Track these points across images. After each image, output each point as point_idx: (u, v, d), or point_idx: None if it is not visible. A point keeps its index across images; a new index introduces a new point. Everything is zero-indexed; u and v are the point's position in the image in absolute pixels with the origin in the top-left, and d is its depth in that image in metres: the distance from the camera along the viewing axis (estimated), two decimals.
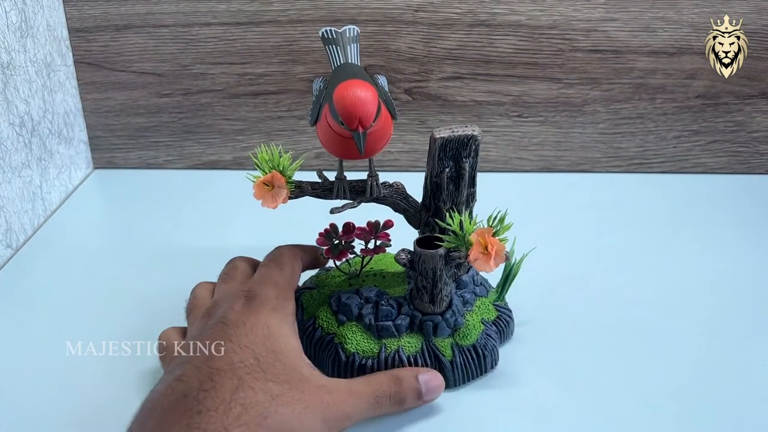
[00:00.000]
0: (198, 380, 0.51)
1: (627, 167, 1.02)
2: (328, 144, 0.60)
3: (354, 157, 0.60)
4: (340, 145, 0.59)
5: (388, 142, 0.62)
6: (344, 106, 0.56)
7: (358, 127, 0.56)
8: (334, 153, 0.61)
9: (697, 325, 0.71)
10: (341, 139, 0.58)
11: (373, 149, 0.60)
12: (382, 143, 0.60)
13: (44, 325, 0.72)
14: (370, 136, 0.58)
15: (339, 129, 0.57)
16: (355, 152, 0.58)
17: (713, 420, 0.60)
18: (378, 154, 0.64)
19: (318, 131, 0.61)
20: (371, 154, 0.61)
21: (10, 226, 0.83)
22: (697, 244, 0.85)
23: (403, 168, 1.02)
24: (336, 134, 0.58)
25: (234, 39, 0.97)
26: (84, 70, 0.99)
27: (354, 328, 0.64)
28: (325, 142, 0.61)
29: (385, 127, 0.59)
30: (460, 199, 0.64)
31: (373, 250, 0.69)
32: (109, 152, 1.03)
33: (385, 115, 0.59)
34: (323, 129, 0.60)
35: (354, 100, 0.56)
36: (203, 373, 0.52)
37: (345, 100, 0.56)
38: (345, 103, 0.56)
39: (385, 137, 0.60)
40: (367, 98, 0.56)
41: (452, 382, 0.63)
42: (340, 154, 0.61)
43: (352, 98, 0.56)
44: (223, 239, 0.87)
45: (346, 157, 0.61)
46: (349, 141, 0.58)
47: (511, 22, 0.95)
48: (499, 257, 0.58)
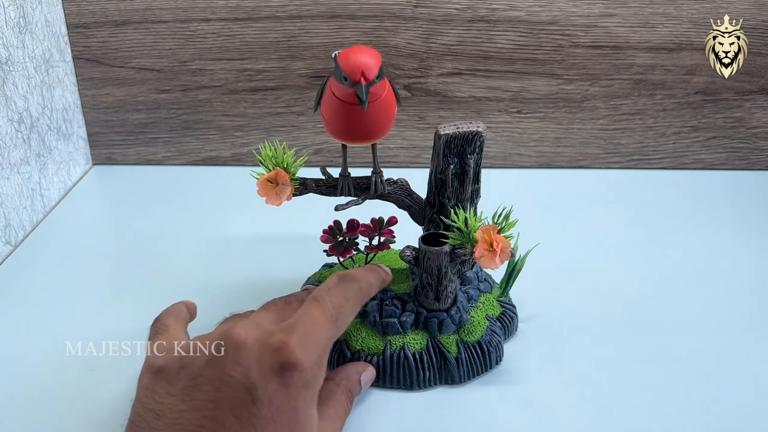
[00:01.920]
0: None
1: (626, 163, 1.02)
2: (333, 119, 0.59)
3: (358, 137, 0.59)
4: (344, 116, 0.58)
5: (392, 124, 0.61)
6: (347, 57, 0.56)
7: (361, 79, 0.56)
8: (338, 131, 0.60)
9: (698, 320, 0.72)
10: (345, 108, 0.58)
11: (377, 128, 0.59)
12: (386, 120, 0.59)
13: (43, 322, 0.72)
14: (374, 106, 0.57)
15: (343, 91, 0.57)
16: (360, 126, 0.58)
17: (715, 415, 0.60)
18: (378, 151, 0.64)
19: (322, 109, 0.60)
20: (374, 135, 0.60)
21: (8, 222, 0.83)
22: (697, 239, 0.85)
23: (402, 164, 1.02)
24: (340, 103, 0.58)
25: (233, 35, 0.96)
26: (83, 66, 0.98)
27: (359, 325, 0.64)
28: (329, 117, 0.60)
29: (390, 101, 0.59)
30: (465, 195, 0.64)
31: (378, 247, 0.69)
32: (108, 148, 1.03)
33: (389, 92, 0.59)
34: (327, 102, 0.59)
35: (357, 52, 0.56)
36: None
37: (348, 53, 0.56)
38: (348, 54, 0.56)
39: (390, 113, 0.60)
40: (369, 51, 0.57)
41: (457, 378, 0.63)
42: (344, 131, 0.60)
43: (355, 51, 0.56)
44: (222, 235, 0.87)
45: (350, 138, 0.60)
46: (353, 110, 0.57)
47: (510, 18, 0.94)
48: (504, 254, 0.58)
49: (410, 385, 0.63)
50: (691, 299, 0.75)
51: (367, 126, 0.59)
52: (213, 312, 0.73)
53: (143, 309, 0.73)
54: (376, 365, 0.62)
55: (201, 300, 0.75)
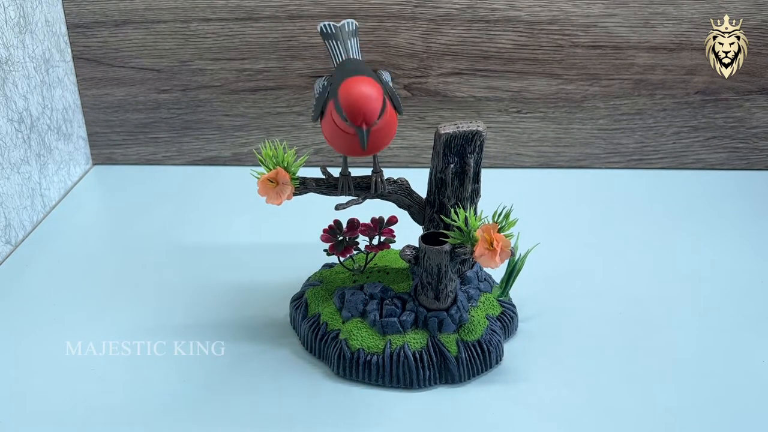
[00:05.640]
0: None
1: (626, 163, 1.02)
2: (333, 140, 0.60)
3: (358, 154, 0.60)
4: (344, 141, 0.59)
5: (394, 137, 0.61)
6: (349, 103, 0.56)
7: (362, 124, 0.56)
8: (339, 149, 0.61)
9: (698, 320, 0.72)
10: (346, 135, 0.58)
11: (378, 146, 0.60)
12: (387, 140, 0.60)
13: (43, 323, 0.72)
14: (374, 133, 0.57)
15: (343, 125, 0.57)
16: (360, 149, 0.58)
17: (714, 414, 0.60)
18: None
19: (323, 127, 0.61)
20: (376, 150, 0.61)
21: (9, 222, 0.83)
22: (697, 239, 0.85)
23: (402, 164, 1.02)
24: (340, 130, 0.58)
25: (233, 35, 0.96)
26: (83, 65, 0.98)
27: (359, 324, 0.64)
28: (329, 137, 0.61)
29: (390, 123, 0.59)
30: (465, 194, 0.64)
31: (378, 247, 0.68)
32: (108, 148, 1.03)
33: (389, 112, 0.59)
34: (328, 125, 0.60)
35: (358, 97, 0.56)
36: None
37: (350, 97, 0.56)
38: (350, 100, 0.56)
39: (390, 134, 0.60)
40: (371, 95, 0.56)
41: (457, 377, 0.63)
42: (345, 151, 0.61)
43: (356, 95, 0.56)
44: (222, 235, 0.87)
45: (351, 154, 0.61)
46: (353, 137, 0.58)
47: (510, 18, 0.94)
48: (504, 253, 0.58)
49: (410, 384, 0.62)
50: (691, 299, 0.75)
51: (368, 146, 0.59)
52: (213, 312, 0.73)
53: (143, 309, 0.74)
54: (376, 365, 0.62)
55: (201, 300, 0.75)
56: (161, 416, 0.60)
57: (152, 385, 0.64)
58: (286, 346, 0.68)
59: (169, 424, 0.60)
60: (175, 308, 0.73)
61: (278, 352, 0.67)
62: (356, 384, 0.63)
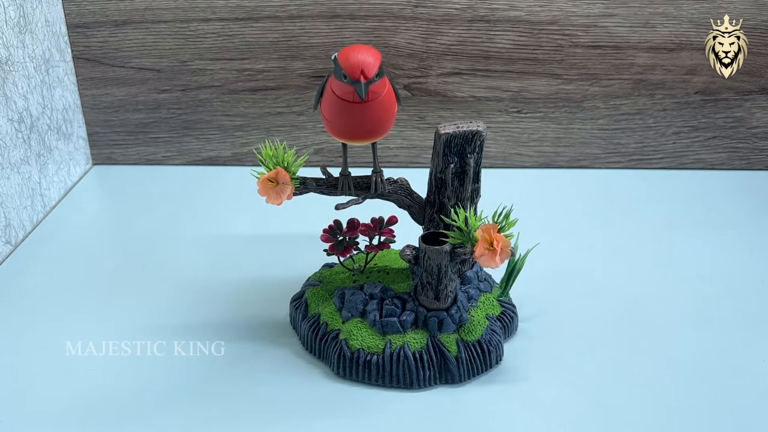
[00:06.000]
0: None
1: (626, 163, 1.02)
2: (333, 117, 0.60)
3: (358, 137, 0.60)
4: (344, 114, 0.59)
5: (393, 123, 0.61)
6: (347, 55, 0.57)
7: (361, 76, 0.56)
8: (339, 129, 0.60)
9: (698, 320, 0.72)
10: (346, 106, 0.58)
11: (376, 126, 0.59)
12: (386, 118, 0.60)
13: (43, 323, 0.72)
14: (374, 105, 0.58)
15: (343, 89, 0.57)
16: (360, 124, 0.58)
17: (714, 414, 0.60)
18: (378, 150, 0.64)
19: (322, 108, 0.61)
20: (376, 132, 0.60)
21: (9, 222, 0.83)
22: (697, 239, 0.85)
23: (402, 164, 1.02)
24: (340, 101, 0.58)
25: (233, 35, 0.96)
26: (83, 65, 0.98)
27: (359, 324, 0.64)
28: (329, 116, 0.60)
29: (389, 102, 0.59)
30: (465, 194, 0.64)
31: (378, 247, 0.68)
32: (108, 148, 1.03)
33: (389, 91, 0.59)
34: (327, 101, 0.59)
35: (357, 49, 0.57)
36: None
37: (348, 51, 0.57)
38: (348, 52, 0.57)
39: (389, 115, 0.60)
40: (369, 50, 0.57)
41: (457, 377, 0.63)
42: (345, 129, 0.60)
43: (355, 50, 0.57)
44: (222, 235, 0.86)
45: (351, 136, 0.60)
46: (353, 108, 0.57)
47: (510, 18, 0.94)
48: (504, 253, 0.58)
49: (410, 384, 0.62)
50: (690, 299, 0.75)
51: (367, 124, 0.59)
52: (213, 312, 0.73)
53: (143, 309, 0.74)
54: (376, 365, 0.62)
55: (201, 300, 0.75)
56: (161, 416, 0.60)
57: (152, 385, 0.64)
58: (286, 346, 0.68)
59: (169, 424, 0.60)
60: (175, 308, 0.73)
61: (278, 352, 0.67)
62: (356, 384, 0.63)
